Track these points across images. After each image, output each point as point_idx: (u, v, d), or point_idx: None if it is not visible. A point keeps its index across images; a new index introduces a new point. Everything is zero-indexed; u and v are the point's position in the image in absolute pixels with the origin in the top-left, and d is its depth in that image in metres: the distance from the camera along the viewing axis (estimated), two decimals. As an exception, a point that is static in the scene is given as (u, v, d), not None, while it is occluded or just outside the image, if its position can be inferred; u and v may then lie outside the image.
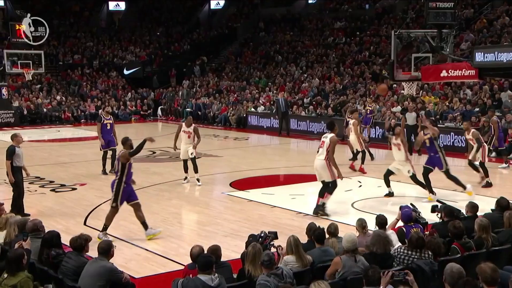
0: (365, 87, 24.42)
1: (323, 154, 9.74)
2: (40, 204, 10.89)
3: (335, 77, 26.87)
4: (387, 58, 23.69)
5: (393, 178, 11.35)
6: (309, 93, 26.19)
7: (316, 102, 24.61)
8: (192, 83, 33.99)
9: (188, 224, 9.44)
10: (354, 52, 28.79)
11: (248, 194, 11.71)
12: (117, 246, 5.99)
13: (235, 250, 7.66)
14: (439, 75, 10.01)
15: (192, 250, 5.77)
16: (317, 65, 29.13)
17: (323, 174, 9.83)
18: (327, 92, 25.50)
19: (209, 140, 22.09)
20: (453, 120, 18.39)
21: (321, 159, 9.76)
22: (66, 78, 33.59)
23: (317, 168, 9.84)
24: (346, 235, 5.78)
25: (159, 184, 12.92)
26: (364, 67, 26.46)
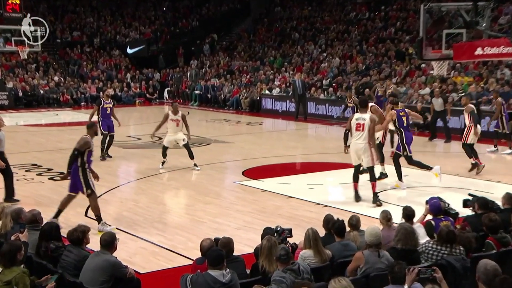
0: (390, 67, 24.22)
1: (363, 137, 9.93)
2: (37, 193, 11.00)
3: (357, 56, 26.68)
4: (415, 35, 23.42)
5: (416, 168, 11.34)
6: (328, 74, 26.06)
7: (336, 84, 24.49)
8: (201, 63, 33.98)
9: (197, 216, 9.48)
10: (379, 28, 28.52)
11: (262, 184, 11.73)
12: (120, 239, 6.02)
13: (248, 244, 7.67)
14: (473, 53, 9.88)
15: (202, 244, 5.79)
16: (338, 43, 28.93)
17: (364, 159, 10.03)
18: (348, 73, 25.35)
19: (220, 125, 22.11)
20: (488, 103, 18.19)
21: (363, 142, 9.94)
22: (64, 57, 33.75)
23: (357, 151, 10.02)
24: (369, 228, 5.76)
25: (166, 172, 12.98)
26: (389, 45, 26.22)
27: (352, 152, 10.14)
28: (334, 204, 10.15)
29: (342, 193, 11.06)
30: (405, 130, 11.07)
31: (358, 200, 10.19)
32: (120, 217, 9.36)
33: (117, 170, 13.64)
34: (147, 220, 9.22)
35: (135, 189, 11.82)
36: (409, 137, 11.12)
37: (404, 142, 11.01)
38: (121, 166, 14.15)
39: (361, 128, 9.99)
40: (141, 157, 14.95)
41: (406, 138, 11.04)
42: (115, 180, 12.53)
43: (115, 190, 11.42)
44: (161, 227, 8.85)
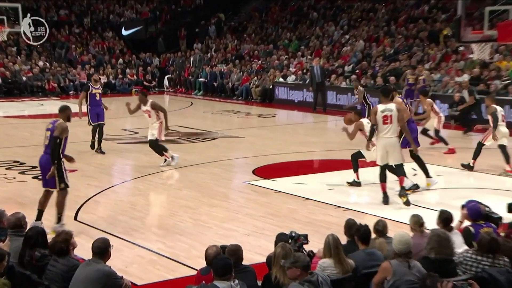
0: (422, 51, 24.14)
1: (392, 130, 9.99)
2: (21, 194, 11.09)
3: (385, 38, 26.60)
4: (453, 13, 23.32)
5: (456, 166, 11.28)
6: (351, 59, 26.01)
7: (360, 71, 24.44)
8: (206, 46, 34.03)
9: (201, 220, 9.53)
10: (409, 6, 28.41)
11: (275, 184, 11.76)
12: (114, 246, 6.06)
13: (260, 252, 7.69)
14: (522, 33, 9.79)
15: (207, 252, 5.83)
16: (362, 24, 28.84)
17: (394, 155, 10.08)
18: (374, 58, 25.27)
19: (228, 117, 22.16)
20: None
21: (392, 136, 10.01)
22: (50, 39, 33.79)
23: (386, 147, 10.06)
24: (397, 235, 5.76)
25: (167, 170, 13.04)
26: (421, 25, 26.12)
27: (380, 149, 10.16)
28: (357, 207, 10.15)
29: (367, 195, 11.05)
30: (409, 122, 11.09)
31: (386, 203, 10.19)
32: (114, 222, 9.42)
33: (111, 168, 13.72)
34: (145, 225, 9.28)
35: (132, 189, 11.88)
36: (413, 130, 11.16)
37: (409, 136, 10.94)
38: (116, 164, 14.23)
39: (389, 121, 10.01)
40: (138, 153, 15.03)
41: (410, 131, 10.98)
42: (109, 179, 12.60)
43: (109, 191, 11.49)
44: (161, 233, 8.89)
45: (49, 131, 8.76)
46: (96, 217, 9.66)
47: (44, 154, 8.79)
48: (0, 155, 14.49)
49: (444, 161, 13.83)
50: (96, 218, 9.60)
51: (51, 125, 8.80)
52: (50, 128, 8.76)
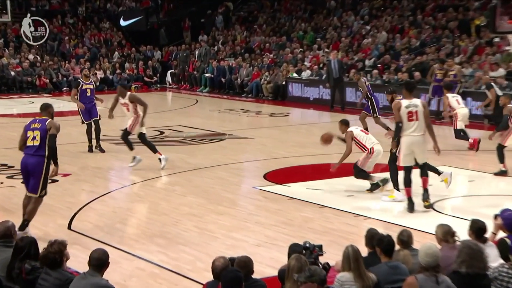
0: (452, 43, 24.06)
1: (419, 128, 10.05)
2: (9, 200, 11.15)
3: (410, 29, 26.54)
4: (487, 0, 23.22)
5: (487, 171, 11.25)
6: (372, 52, 25.97)
7: (382, 65, 24.39)
8: (212, 38, 34.08)
9: (208, 229, 9.54)
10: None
11: (288, 190, 11.75)
12: (112, 258, 6.08)
13: (271, 264, 7.69)
14: None
15: (214, 264, 5.83)
16: (385, 13, 28.79)
17: (421, 154, 10.16)
18: (398, 51, 25.22)
19: (236, 116, 22.18)
20: None
21: (419, 134, 10.10)
22: (42, 31, 34.09)
23: (412, 146, 10.10)
24: (424, 247, 5.75)
25: (169, 175, 13.07)
26: (451, 14, 26.04)
27: (405, 148, 10.17)
28: (379, 216, 10.13)
29: (389, 202, 10.99)
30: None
31: (411, 210, 10.17)
32: (112, 231, 9.45)
33: (108, 172, 13.77)
34: (145, 234, 9.30)
35: (131, 195, 11.92)
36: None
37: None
38: (113, 167, 14.28)
39: (414, 117, 10.07)
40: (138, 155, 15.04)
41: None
42: (106, 184, 12.65)
43: (106, 197, 11.54)
44: (163, 243, 8.91)
45: (37, 130, 8.79)
46: (91, 225, 9.69)
47: (31, 156, 8.80)
48: (-13, 157, 14.57)
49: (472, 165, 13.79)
50: (91, 227, 9.63)
51: (39, 124, 8.85)
52: (39, 127, 8.80)
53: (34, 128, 8.86)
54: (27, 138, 8.85)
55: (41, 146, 8.76)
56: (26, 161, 8.86)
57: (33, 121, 9.00)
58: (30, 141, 8.81)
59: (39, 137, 8.77)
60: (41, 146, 8.76)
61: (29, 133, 8.86)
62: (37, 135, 8.79)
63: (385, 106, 18.27)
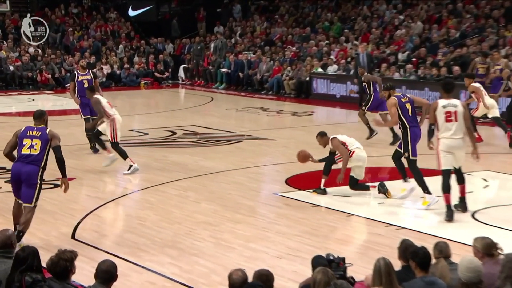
0: (496, 34, 23.89)
1: (457, 129, 10.12)
2: (7, 207, 11.17)
3: (449, 18, 26.40)
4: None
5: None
6: (406, 44, 25.87)
7: (417, 59, 24.29)
8: (229, 30, 34.12)
9: (224, 240, 9.56)
10: (480, -21, 28.17)
11: (312, 196, 11.76)
12: (120, 270, 6.11)
13: (294, 278, 7.68)
14: None
15: (231, 277, 5.85)
16: (421, 2, 28.64)
17: (460, 158, 10.28)
18: (434, 43, 25.11)
19: (255, 115, 22.19)
20: None
21: (458, 136, 10.17)
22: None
23: (451, 149, 10.16)
24: (465, 261, 5.72)
25: (182, 179, 13.12)
26: (496, 1, 25.86)
27: (445, 150, 10.18)
28: (413, 225, 10.10)
29: (425, 210, 10.95)
30: (412, 124, 11.16)
31: (450, 219, 10.13)
32: (120, 240, 9.50)
33: (115, 176, 13.82)
34: (156, 245, 9.34)
35: (141, 202, 11.98)
36: (415, 134, 11.18)
37: (408, 140, 11.11)
38: (121, 171, 14.33)
39: (453, 118, 10.09)
40: (148, 158, 15.13)
41: (411, 135, 11.09)
42: (114, 189, 12.72)
43: (113, 204, 11.61)
44: (176, 254, 8.95)
45: (37, 139, 8.93)
46: (97, 235, 9.75)
47: (26, 164, 8.91)
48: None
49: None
50: (97, 236, 9.69)
51: (38, 132, 8.98)
52: (39, 136, 8.95)
53: (33, 136, 8.98)
54: (23, 146, 8.94)
55: (40, 155, 8.91)
56: (20, 169, 8.95)
57: (29, 129, 9.08)
58: (27, 149, 8.92)
59: (39, 147, 8.92)
60: (39, 155, 8.91)
61: (26, 141, 8.97)
62: (36, 144, 8.93)
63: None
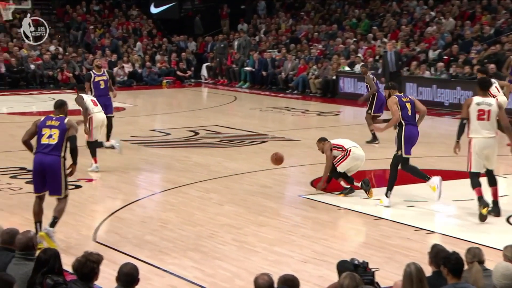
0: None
1: (491, 129, 10.15)
2: (27, 208, 11.25)
3: (483, 15, 26.21)
4: None
5: None
6: (437, 41, 25.71)
7: (448, 57, 24.13)
8: (254, 27, 34.14)
9: (247, 243, 9.55)
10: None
11: (338, 199, 11.74)
12: (142, 273, 6.12)
13: (320, 283, 7.69)
14: None
15: (257, 282, 5.83)
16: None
17: (492, 158, 10.27)
18: (467, 40, 24.94)
19: (280, 115, 22.18)
20: None
21: (490, 136, 10.17)
22: (64, 18, 34.54)
23: (483, 149, 10.15)
24: (499, 266, 5.67)
25: (205, 181, 13.14)
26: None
27: (477, 151, 10.18)
28: (444, 230, 10.07)
29: (456, 215, 10.93)
30: (408, 122, 11.14)
31: (486, 205, 10.07)
32: (141, 243, 9.54)
33: (137, 177, 13.90)
34: (178, 248, 9.36)
35: (162, 203, 12.02)
36: (410, 132, 11.13)
37: (402, 137, 11.07)
38: (143, 172, 14.41)
39: (485, 117, 10.08)
40: (170, 158, 15.18)
41: (406, 132, 11.05)
42: (134, 191, 12.76)
43: (134, 205, 11.65)
44: (198, 258, 8.96)
45: (55, 129, 9.14)
46: (119, 237, 9.79)
47: (46, 154, 9.12)
48: (3, 160, 14.83)
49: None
50: (119, 238, 9.73)
51: (56, 122, 9.19)
52: (57, 126, 9.15)
53: (51, 125, 9.19)
54: (42, 135, 9.16)
55: (58, 145, 9.11)
56: (42, 160, 9.16)
57: (48, 118, 9.31)
58: (45, 139, 9.14)
59: (57, 136, 9.12)
60: (58, 145, 9.11)
61: (45, 130, 9.18)
62: (54, 133, 9.13)
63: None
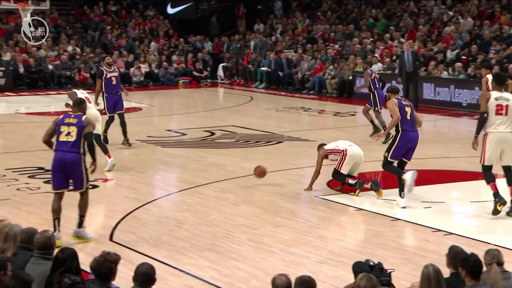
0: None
1: (508, 124, 10.23)
2: (45, 208, 11.32)
3: (502, 14, 26.06)
4: None
5: None
6: (456, 41, 25.59)
7: (467, 57, 24.01)
8: (270, 28, 34.13)
9: (264, 243, 9.55)
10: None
11: (355, 199, 11.73)
12: (158, 273, 6.14)
13: (336, 284, 7.68)
14: None
15: (275, 282, 5.82)
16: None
17: (509, 153, 10.28)
18: (486, 40, 24.81)
19: (296, 116, 22.16)
20: None
21: (508, 131, 10.23)
22: (81, 19, 34.70)
23: (500, 144, 10.22)
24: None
25: (221, 181, 13.16)
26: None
27: (493, 145, 10.23)
28: (462, 231, 10.01)
29: (474, 216, 10.88)
30: (405, 128, 11.11)
31: (504, 201, 10.12)
32: (157, 243, 9.56)
33: (153, 177, 13.93)
34: (195, 248, 9.37)
35: (178, 204, 12.04)
36: (405, 140, 11.13)
37: (395, 143, 11.16)
38: (158, 172, 14.44)
39: (503, 111, 10.16)
40: (186, 159, 15.21)
41: (400, 140, 11.09)
42: (150, 191, 12.79)
43: (151, 205, 11.68)
44: (215, 258, 8.97)
45: (73, 126, 9.36)
46: (135, 237, 9.82)
47: (67, 152, 9.34)
48: (22, 160, 14.91)
49: None
50: (135, 238, 9.76)
51: (74, 119, 9.41)
52: (75, 123, 9.37)
53: (69, 123, 9.41)
54: (61, 132, 9.40)
55: (76, 142, 9.33)
56: (64, 157, 9.37)
57: (67, 116, 9.53)
58: (64, 136, 9.37)
59: (75, 133, 9.34)
60: (76, 142, 9.33)
61: (63, 128, 9.41)
62: (72, 130, 9.35)
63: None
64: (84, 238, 9.50)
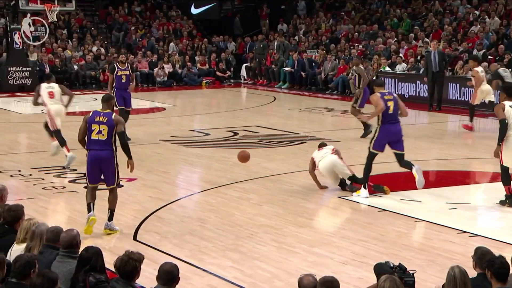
0: None
1: None
2: (71, 207, 11.46)
3: (529, 13, 25.84)
4: None
5: None
6: (482, 41, 25.41)
7: (494, 57, 23.82)
8: (293, 28, 34.10)
9: (286, 244, 9.55)
10: None
11: (379, 200, 11.68)
12: (181, 273, 6.16)
13: (359, 285, 7.67)
14: None
15: (302, 282, 5.81)
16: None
17: None
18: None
19: (319, 116, 22.13)
20: None
21: None
22: (106, 19, 34.90)
23: None
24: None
25: (244, 181, 13.17)
26: None
27: (507, 150, 10.60)
28: (488, 233, 9.93)
29: (500, 218, 10.81)
30: (386, 121, 11.48)
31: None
32: (181, 243, 9.59)
33: (177, 177, 13.98)
34: (217, 248, 9.39)
35: (202, 203, 12.06)
36: (387, 132, 11.55)
37: (376, 133, 11.58)
38: (182, 172, 14.49)
39: None
40: (209, 159, 15.23)
41: (381, 133, 11.51)
42: (174, 191, 12.83)
43: (174, 205, 11.71)
44: (237, 258, 8.99)
45: (104, 125, 9.65)
46: (159, 236, 9.86)
47: (101, 150, 9.69)
48: (47, 159, 15.01)
49: None
50: (159, 238, 9.80)
51: (104, 118, 9.69)
52: (106, 122, 9.65)
53: (100, 122, 9.69)
54: (92, 131, 9.71)
55: (108, 140, 9.66)
56: (99, 155, 9.73)
57: (97, 114, 9.79)
58: (95, 135, 9.69)
59: (106, 132, 9.65)
60: (107, 140, 9.66)
61: (94, 126, 9.70)
62: (103, 129, 9.65)
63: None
64: (114, 230, 9.92)
